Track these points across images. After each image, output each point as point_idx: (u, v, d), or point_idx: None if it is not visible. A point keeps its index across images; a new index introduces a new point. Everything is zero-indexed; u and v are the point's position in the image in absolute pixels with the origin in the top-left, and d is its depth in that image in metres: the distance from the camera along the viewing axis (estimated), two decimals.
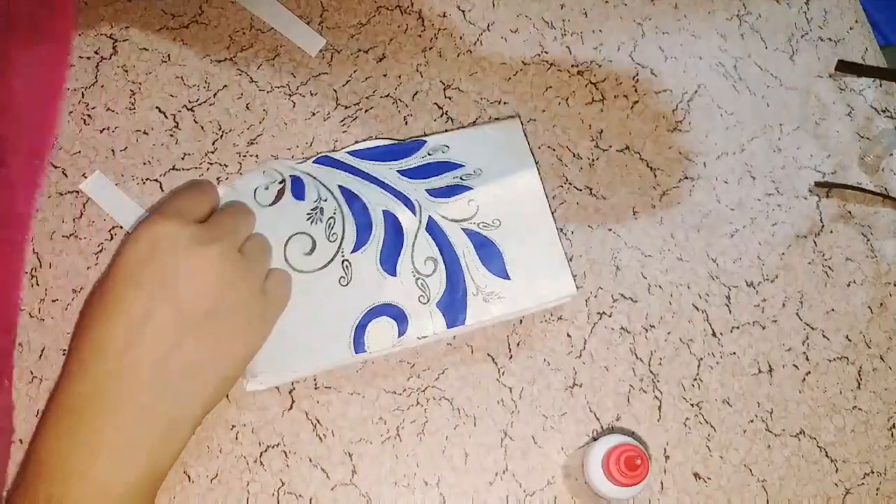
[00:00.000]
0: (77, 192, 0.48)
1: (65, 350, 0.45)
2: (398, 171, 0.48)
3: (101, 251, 0.47)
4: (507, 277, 0.46)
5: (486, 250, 0.47)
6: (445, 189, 0.48)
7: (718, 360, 0.49)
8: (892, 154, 0.55)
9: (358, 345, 0.44)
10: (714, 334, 0.49)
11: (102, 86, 0.51)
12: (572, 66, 0.55)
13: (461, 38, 0.55)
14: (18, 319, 0.45)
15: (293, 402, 0.45)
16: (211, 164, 0.49)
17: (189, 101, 0.51)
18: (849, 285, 0.51)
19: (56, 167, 0.48)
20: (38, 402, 0.43)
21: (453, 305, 0.45)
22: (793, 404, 0.48)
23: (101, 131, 0.50)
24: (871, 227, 0.53)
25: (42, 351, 0.45)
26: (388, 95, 0.52)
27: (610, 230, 0.51)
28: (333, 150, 0.49)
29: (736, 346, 0.49)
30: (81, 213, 0.48)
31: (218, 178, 0.49)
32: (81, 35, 0.52)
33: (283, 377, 0.44)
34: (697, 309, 0.50)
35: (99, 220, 0.48)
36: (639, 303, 0.49)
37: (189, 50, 0.52)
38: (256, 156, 0.50)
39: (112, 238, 0.47)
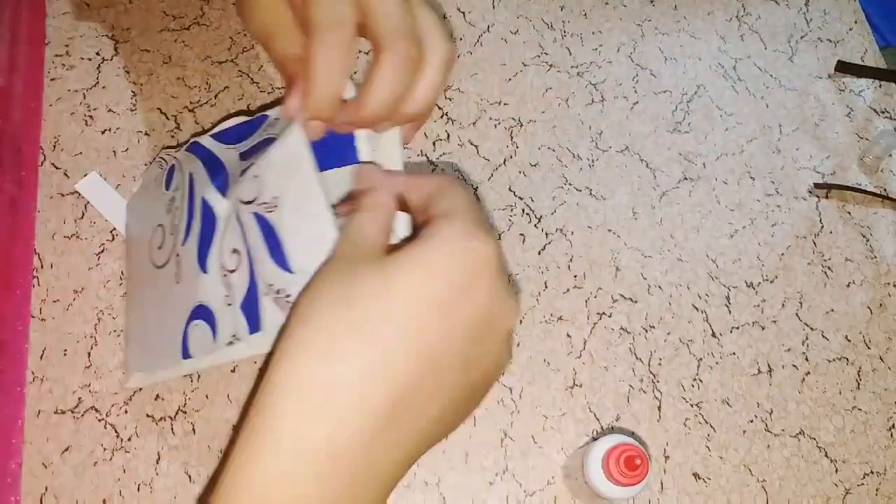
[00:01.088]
0: (79, 192, 0.48)
1: (66, 351, 0.45)
2: (240, 153, 0.40)
3: (102, 252, 0.47)
4: (289, 271, 0.34)
5: (271, 238, 0.35)
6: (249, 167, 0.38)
7: (718, 361, 0.49)
8: (891, 155, 0.55)
9: (184, 350, 0.38)
10: (714, 335, 0.49)
11: (104, 87, 0.51)
12: (572, 67, 0.55)
13: (461, 39, 0.55)
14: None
15: None
16: None
17: (190, 103, 0.51)
18: (848, 286, 0.52)
19: (57, 168, 0.49)
20: (38, 402, 0.44)
21: (252, 307, 0.36)
22: (792, 404, 0.48)
23: (103, 132, 0.50)
24: (871, 227, 0.53)
25: (43, 352, 0.45)
26: None
27: (610, 231, 0.51)
28: (201, 135, 0.43)
29: (735, 347, 0.49)
30: (83, 214, 0.48)
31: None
32: (83, 36, 0.52)
33: (152, 377, 0.42)
34: (697, 309, 0.50)
35: (100, 220, 0.48)
36: (638, 303, 0.49)
37: (190, 51, 0.52)
38: None
39: (113, 238, 0.47)
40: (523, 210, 0.51)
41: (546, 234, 0.50)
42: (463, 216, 0.29)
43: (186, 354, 0.39)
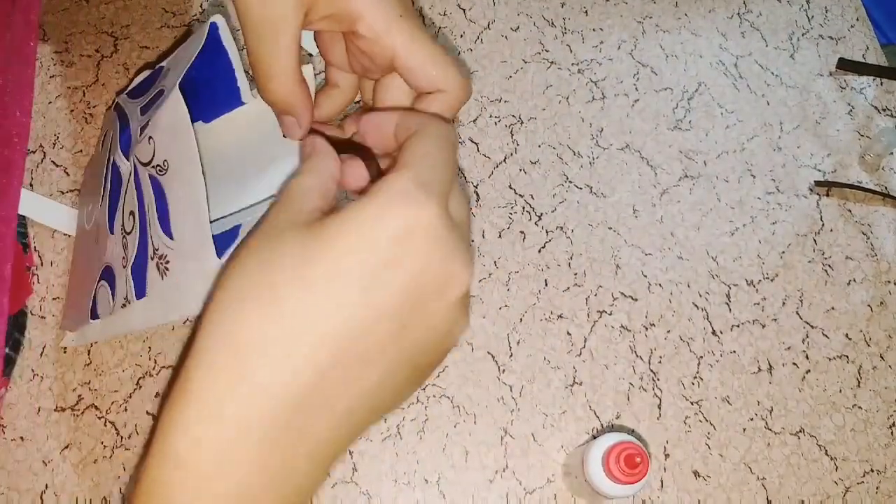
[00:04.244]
0: (78, 190, 0.48)
1: (65, 348, 0.45)
2: (140, 107, 0.39)
3: None
4: (171, 237, 0.34)
5: (161, 201, 0.35)
6: (145, 126, 0.37)
7: (718, 359, 0.49)
8: (892, 153, 0.55)
9: (93, 310, 0.39)
10: (714, 332, 0.49)
11: (103, 84, 0.51)
12: (573, 64, 0.55)
13: (462, 36, 0.55)
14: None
15: None
16: None
17: None
18: (849, 284, 0.52)
19: (58, 165, 0.49)
20: (38, 399, 0.44)
21: (139, 272, 0.35)
22: (792, 402, 0.48)
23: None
24: (871, 225, 0.53)
25: (43, 349, 0.45)
26: None
27: (610, 228, 0.51)
28: (120, 93, 0.42)
29: (736, 345, 0.49)
30: None
31: None
32: (82, 33, 0.52)
33: (81, 339, 0.42)
34: (697, 307, 0.50)
35: None
36: (639, 301, 0.49)
37: None
38: None
39: None
40: (523, 208, 0.51)
41: (546, 232, 0.50)
42: (408, 174, 0.28)
43: (94, 314, 0.39)
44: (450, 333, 0.30)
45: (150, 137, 0.35)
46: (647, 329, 0.49)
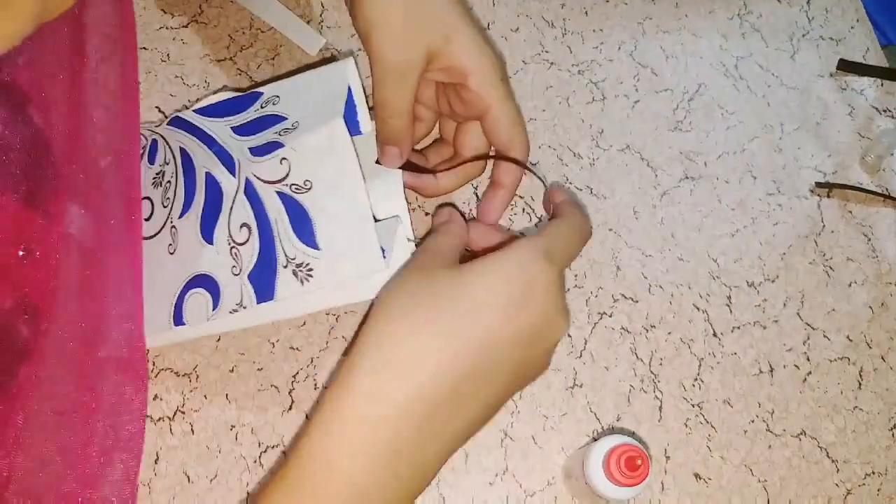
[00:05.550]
0: None
1: None
2: (231, 127, 0.43)
3: None
4: (316, 248, 0.40)
5: (299, 217, 0.40)
6: (264, 146, 0.41)
7: (719, 361, 0.48)
8: (892, 154, 0.55)
9: (177, 317, 0.41)
10: (715, 334, 0.49)
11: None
12: (573, 65, 0.55)
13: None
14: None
15: (293, 402, 0.45)
16: None
17: (189, 101, 0.51)
18: (850, 285, 0.51)
19: None
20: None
21: (263, 278, 0.40)
22: (794, 404, 0.48)
23: None
24: (872, 227, 0.53)
25: None
26: None
27: (611, 230, 0.51)
28: (184, 109, 0.45)
29: (737, 347, 0.49)
30: None
31: None
32: None
33: (151, 343, 0.43)
34: (698, 309, 0.50)
35: None
36: (639, 303, 0.49)
37: (189, 49, 0.52)
38: None
39: None
40: (524, 209, 0.50)
41: None
42: (539, 242, 0.35)
43: (179, 321, 0.41)
44: (539, 371, 0.37)
45: (283, 159, 0.40)
46: (647, 331, 0.49)
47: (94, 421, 0.40)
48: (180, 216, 0.42)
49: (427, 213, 0.49)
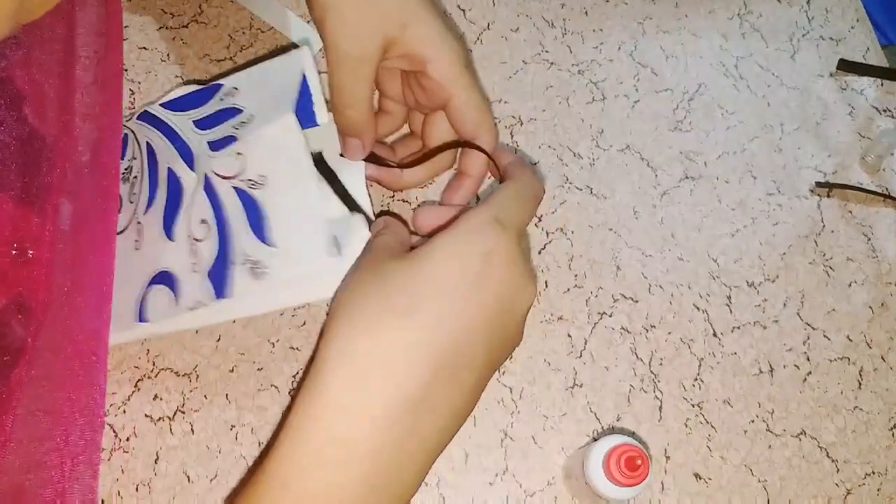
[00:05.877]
0: None
1: None
2: (193, 121, 0.42)
3: None
4: (271, 244, 0.39)
5: (254, 213, 0.39)
6: (221, 141, 0.40)
7: (719, 361, 0.48)
8: (893, 154, 0.55)
9: (141, 313, 0.40)
10: (715, 334, 0.49)
11: None
12: (573, 65, 0.55)
13: (461, 37, 0.55)
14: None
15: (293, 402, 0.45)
16: None
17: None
18: (850, 285, 0.51)
19: None
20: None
21: (221, 275, 0.39)
22: (794, 404, 0.48)
23: None
24: (872, 227, 0.53)
25: None
26: None
27: (611, 230, 0.51)
28: (152, 103, 0.44)
29: (737, 347, 0.49)
30: None
31: None
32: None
33: (115, 340, 0.43)
34: (698, 309, 0.50)
35: None
36: (639, 303, 0.49)
37: (188, 49, 0.52)
38: None
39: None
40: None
41: (546, 234, 0.50)
42: (489, 208, 0.34)
43: (143, 318, 0.40)
44: (514, 344, 0.35)
45: (238, 153, 0.39)
46: (647, 331, 0.49)
47: (73, 423, 0.39)
48: (145, 212, 0.41)
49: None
